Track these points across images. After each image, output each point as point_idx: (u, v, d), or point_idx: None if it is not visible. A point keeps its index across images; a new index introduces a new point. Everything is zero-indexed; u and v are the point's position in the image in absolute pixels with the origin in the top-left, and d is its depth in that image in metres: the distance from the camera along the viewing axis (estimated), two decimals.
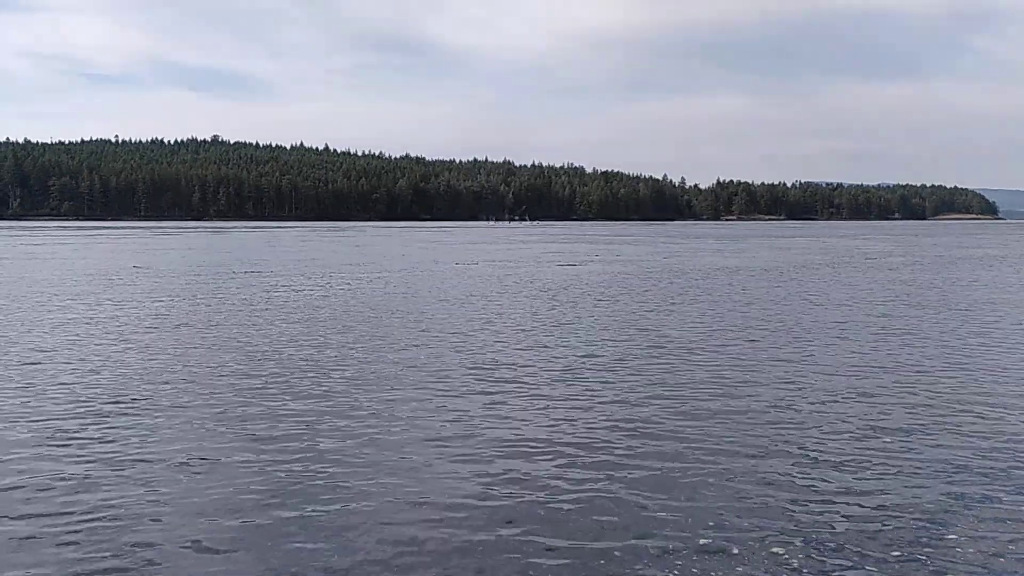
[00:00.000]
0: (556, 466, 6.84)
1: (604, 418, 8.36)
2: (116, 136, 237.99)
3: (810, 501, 6.00)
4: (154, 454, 7.15)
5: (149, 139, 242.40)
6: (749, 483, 6.38)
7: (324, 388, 9.76)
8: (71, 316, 16.63)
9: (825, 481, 6.41)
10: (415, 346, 12.87)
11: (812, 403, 8.97)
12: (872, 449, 7.25)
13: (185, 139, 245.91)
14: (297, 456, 7.09)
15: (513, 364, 11.35)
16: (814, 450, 7.23)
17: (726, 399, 9.16)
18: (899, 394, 9.40)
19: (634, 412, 8.59)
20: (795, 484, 6.37)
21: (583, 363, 11.42)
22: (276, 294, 21.41)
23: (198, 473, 6.64)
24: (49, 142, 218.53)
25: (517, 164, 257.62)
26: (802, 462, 6.90)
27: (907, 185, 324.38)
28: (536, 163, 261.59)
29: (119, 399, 9.13)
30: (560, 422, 8.22)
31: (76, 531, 5.49)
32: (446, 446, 7.38)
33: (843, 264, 36.42)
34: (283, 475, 6.60)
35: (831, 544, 5.27)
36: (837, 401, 9.06)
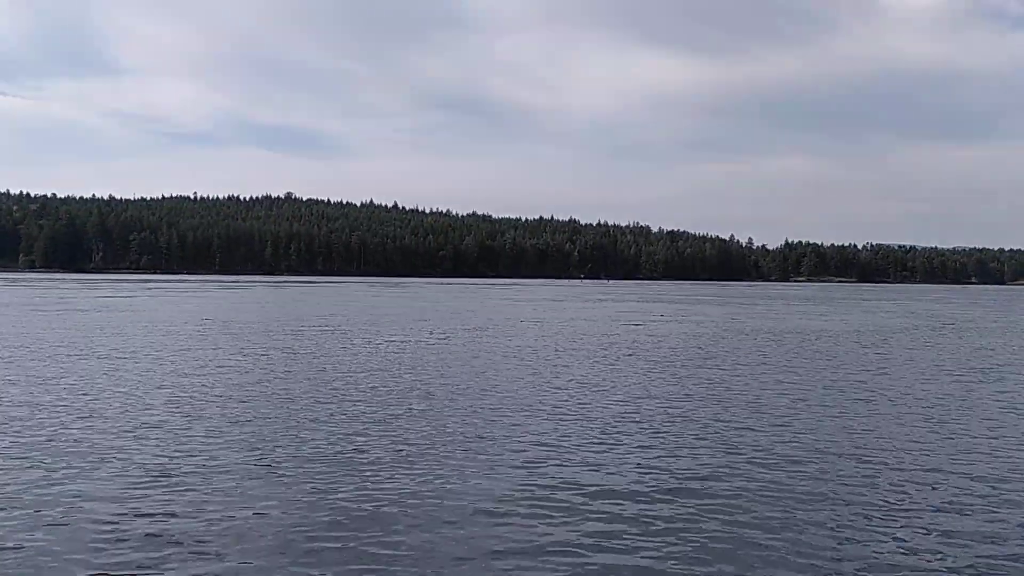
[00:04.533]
0: (623, 520, 6.88)
1: (690, 481, 8.21)
2: (194, 193, 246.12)
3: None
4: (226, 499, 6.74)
5: (225, 196, 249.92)
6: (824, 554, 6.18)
7: (392, 436, 10.08)
8: (141, 364, 16.24)
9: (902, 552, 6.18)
10: (494, 402, 12.44)
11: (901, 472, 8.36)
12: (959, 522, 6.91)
13: (260, 196, 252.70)
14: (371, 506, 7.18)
15: (608, 427, 10.83)
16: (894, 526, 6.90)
17: (823, 466, 8.90)
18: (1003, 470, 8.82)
19: (720, 479, 8.36)
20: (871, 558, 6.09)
21: (678, 432, 10.74)
22: (345, 348, 20.72)
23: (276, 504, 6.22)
24: (131, 198, 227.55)
25: (582, 222, 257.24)
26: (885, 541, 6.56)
27: (983, 249, 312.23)
28: (601, 222, 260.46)
29: (189, 444, 9.32)
30: (634, 482, 8.08)
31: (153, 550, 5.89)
32: (515, 498, 7.44)
33: (942, 330, 34.19)
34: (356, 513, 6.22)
35: None
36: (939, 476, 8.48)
